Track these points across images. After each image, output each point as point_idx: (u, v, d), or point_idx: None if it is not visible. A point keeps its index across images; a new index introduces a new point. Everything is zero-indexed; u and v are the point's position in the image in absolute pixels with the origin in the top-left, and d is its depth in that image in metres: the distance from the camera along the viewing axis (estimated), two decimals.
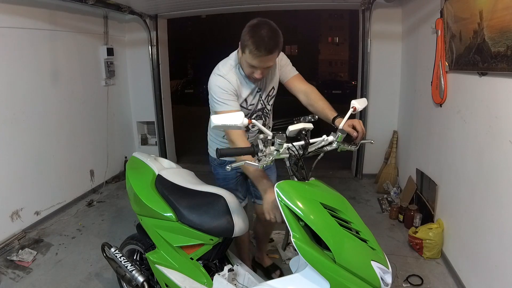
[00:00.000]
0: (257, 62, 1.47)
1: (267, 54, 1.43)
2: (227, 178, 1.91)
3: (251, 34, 1.43)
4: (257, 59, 1.46)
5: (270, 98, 1.82)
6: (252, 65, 1.50)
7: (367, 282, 1.11)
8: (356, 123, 1.41)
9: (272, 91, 1.81)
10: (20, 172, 2.92)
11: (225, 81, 1.59)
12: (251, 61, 1.48)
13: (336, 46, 33.68)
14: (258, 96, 1.76)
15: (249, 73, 1.57)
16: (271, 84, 1.79)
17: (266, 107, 1.82)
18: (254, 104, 1.75)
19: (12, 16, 2.79)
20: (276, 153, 1.23)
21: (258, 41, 1.41)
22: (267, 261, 2.38)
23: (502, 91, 1.78)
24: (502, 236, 1.76)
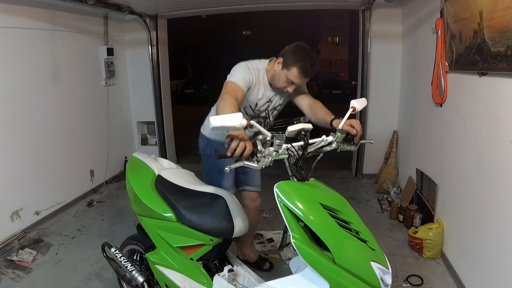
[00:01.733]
0: (298, 81, 1.68)
1: (308, 77, 1.68)
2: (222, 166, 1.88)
3: (301, 57, 1.64)
4: (300, 79, 1.67)
5: (275, 112, 1.96)
6: (292, 81, 1.69)
7: (367, 283, 1.11)
8: (354, 123, 1.43)
9: (279, 107, 1.95)
10: (20, 172, 2.92)
11: (247, 69, 1.75)
12: (294, 79, 1.67)
13: (336, 46, 33.66)
14: (267, 106, 1.89)
15: (281, 86, 1.73)
16: (281, 101, 1.93)
17: (269, 117, 1.95)
18: (260, 111, 1.90)
19: (12, 16, 2.79)
20: (275, 154, 1.23)
21: (310, 64, 1.64)
22: (253, 255, 2.39)
23: (502, 91, 1.78)
24: (502, 236, 1.76)
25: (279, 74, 1.71)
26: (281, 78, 1.71)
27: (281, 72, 1.70)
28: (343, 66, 31.24)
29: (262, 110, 1.90)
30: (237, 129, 1.16)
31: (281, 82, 1.72)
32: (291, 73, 1.65)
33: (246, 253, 2.37)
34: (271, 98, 1.87)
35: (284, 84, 1.72)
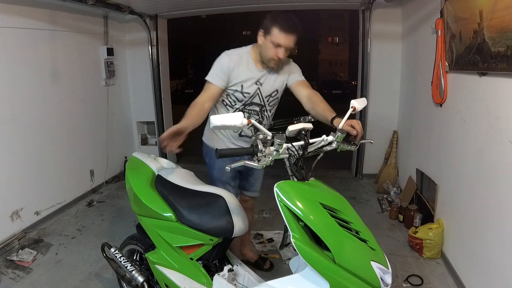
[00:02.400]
0: (284, 39, 1.61)
1: (292, 32, 1.61)
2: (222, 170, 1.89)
3: (278, 16, 1.63)
4: (283, 35, 1.60)
5: (271, 99, 1.87)
6: (278, 43, 1.62)
7: (367, 283, 1.11)
8: (355, 123, 1.41)
9: (275, 93, 1.85)
10: (20, 172, 2.92)
11: (225, 57, 1.75)
12: (279, 39, 1.61)
13: (336, 46, 33.69)
14: (257, 89, 1.80)
15: (271, 55, 1.66)
16: (274, 84, 1.83)
17: (265, 106, 1.86)
18: (249, 93, 1.80)
19: (12, 16, 2.79)
20: (276, 153, 1.23)
21: (287, 20, 1.61)
22: (253, 255, 2.38)
23: (502, 91, 1.78)
24: (502, 236, 1.76)
25: (265, 44, 1.68)
26: (267, 46, 1.66)
27: (265, 41, 1.67)
28: (343, 66, 31.26)
29: (253, 94, 1.81)
30: (238, 128, 1.17)
31: (269, 50, 1.66)
32: (273, 34, 1.61)
33: (245, 253, 2.37)
34: (260, 80, 1.79)
35: (272, 50, 1.65)
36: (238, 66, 1.75)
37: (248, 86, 1.78)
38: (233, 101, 1.83)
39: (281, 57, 1.66)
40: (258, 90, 1.81)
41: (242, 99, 1.81)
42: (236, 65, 1.75)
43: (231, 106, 1.85)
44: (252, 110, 1.85)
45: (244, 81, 1.77)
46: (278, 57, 1.66)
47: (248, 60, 1.78)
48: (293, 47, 1.65)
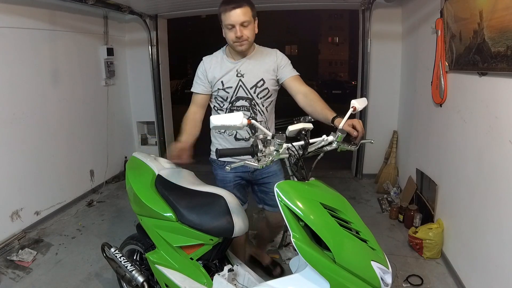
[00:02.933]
0: (230, 18, 1.58)
1: (236, 6, 1.57)
2: (225, 181, 1.89)
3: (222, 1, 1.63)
4: (228, 14, 1.58)
5: (259, 90, 1.76)
6: (228, 24, 1.60)
7: (367, 282, 1.11)
8: (356, 123, 1.39)
9: (261, 83, 1.76)
10: (20, 172, 2.92)
11: (201, 64, 1.80)
12: (226, 20, 1.60)
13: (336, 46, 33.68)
14: (238, 81, 1.74)
15: (232, 39, 1.64)
16: (258, 74, 1.75)
17: (254, 99, 1.77)
18: (232, 87, 1.75)
19: (12, 16, 2.79)
20: (276, 153, 1.23)
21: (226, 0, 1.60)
22: (267, 258, 2.36)
23: (502, 91, 1.78)
24: (502, 236, 1.76)
25: (224, 33, 1.68)
26: (225, 33, 1.67)
27: (223, 31, 1.68)
28: (343, 66, 31.25)
29: (235, 87, 1.75)
30: (238, 128, 1.17)
31: (228, 35, 1.65)
32: (222, 19, 1.62)
33: (260, 254, 2.36)
34: (239, 70, 1.74)
35: (230, 34, 1.63)
36: (213, 66, 1.77)
37: (228, 80, 1.75)
38: (220, 103, 1.81)
39: (240, 35, 1.61)
40: (240, 82, 1.74)
41: (227, 97, 1.76)
42: (211, 65, 1.77)
43: (220, 109, 1.82)
44: (240, 106, 1.77)
45: (223, 76, 1.74)
46: (238, 36, 1.61)
47: (222, 57, 1.78)
48: (246, 19, 1.59)
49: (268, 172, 1.86)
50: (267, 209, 2.00)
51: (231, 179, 1.88)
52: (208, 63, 1.78)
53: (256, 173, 1.87)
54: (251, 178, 1.90)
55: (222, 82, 1.75)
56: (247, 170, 1.85)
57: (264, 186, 1.93)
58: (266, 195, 1.95)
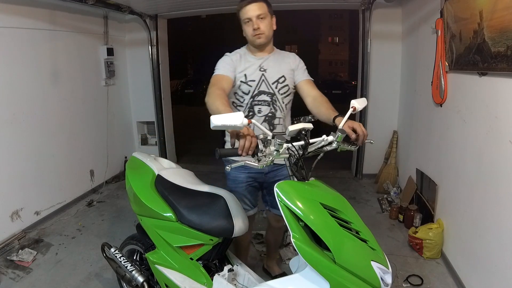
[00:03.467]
0: (247, 13, 1.66)
1: (250, 1, 1.65)
2: (237, 181, 1.87)
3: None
4: (244, 9, 1.66)
5: (280, 86, 1.79)
6: (245, 18, 1.67)
7: (367, 282, 1.11)
8: (356, 126, 1.38)
9: (282, 79, 1.79)
10: (20, 172, 2.92)
11: (227, 56, 1.80)
12: (243, 15, 1.68)
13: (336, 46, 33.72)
14: (261, 75, 1.77)
15: (250, 33, 1.70)
16: (280, 70, 1.79)
17: (276, 94, 1.79)
18: (255, 81, 1.77)
19: (12, 16, 2.79)
20: (276, 153, 1.23)
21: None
22: (276, 269, 2.34)
23: (502, 91, 1.78)
24: (501, 236, 1.76)
25: (243, 30, 1.74)
26: (244, 29, 1.73)
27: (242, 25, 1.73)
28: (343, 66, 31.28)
29: (258, 81, 1.77)
30: (238, 128, 1.16)
31: (246, 31, 1.72)
32: (240, 15, 1.70)
33: (270, 265, 2.36)
34: (262, 65, 1.77)
35: (248, 29, 1.70)
36: (238, 61, 1.78)
37: (252, 73, 1.77)
38: (240, 97, 1.80)
39: (257, 27, 1.67)
40: (263, 76, 1.77)
41: (249, 90, 1.77)
42: (236, 60, 1.78)
43: (240, 104, 1.81)
44: (262, 101, 1.78)
45: (247, 68, 1.77)
46: (255, 28, 1.67)
47: (245, 54, 1.81)
48: (262, 12, 1.66)
49: (281, 175, 1.83)
50: (274, 211, 1.98)
51: (243, 179, 1.86)
52: (233, 55, 1.80)
53: (270, 175, 1.86)
54: (263, 180, 1.88)
55: (246, 75, 1.76)
56: (261, 171, 1.83)
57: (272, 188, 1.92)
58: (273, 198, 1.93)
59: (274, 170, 1.84)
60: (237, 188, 1.86)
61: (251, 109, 1.79)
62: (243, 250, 2.15)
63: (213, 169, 4.48)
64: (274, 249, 2.34)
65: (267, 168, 1.82)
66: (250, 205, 1.92)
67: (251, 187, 1.89)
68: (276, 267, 2.36)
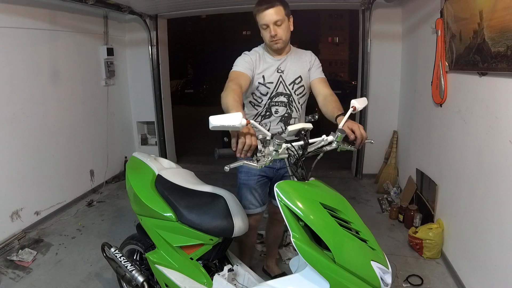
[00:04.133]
0: (264, 18, 1.65)
1: (268, 6, 1.62)
2: (250, 173, 1.87)
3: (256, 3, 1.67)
4: (261, 14, 1.65)
5: (297, 87, 1.82)
6: (263, 24, 1.67)
7: (367, 282, 1.11)
8: (355, 128, 1.37)
9: (299, 79, 1.82)
10: (20, 172, 2.92)
11: (246, 54, 1.81)
12: (261, 20, 1.66)
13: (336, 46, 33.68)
14: (279, 77, 1.79)
15: (268, 38, 1.70)
16: (297, 70, 1.81)
17: (292, 95, 1.82)
18: (273, 83, 1.79)
19: (12, 16, 2.79)
20: (275, 153, 1.23)
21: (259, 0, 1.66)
22: (276, 270, 2.34)
23: (502, 91, 1.78)
24: (502, 236, 1.76)
25: (261, 34, 1.73)
26: (262, 34, 1.73)
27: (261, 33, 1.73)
28: (343, 66, 31.23)
29: (276, 83, 1.79)
30: (236, 128, 1.16)
31: (264, 35, 1.72)
32: (257, 20, 1.68)
33: (269, 265, 2.36)
34: (280, 67, 1.80)
35: (265, 34, 1.70)
36: (257, 60, 1.79)
37: (270, 75, 1.79)
38: (258, 98, 1.82)
39: (274, 34, 1.66)
40: (280, 78, 1.80)
41: (267, 92, 1.79)
42: (257, 60, 1.79)
43: (258, 104, 1.83)
44: (279, 102, 1.81)
45: (265, 70, 1.78)
46: (272, 35, 1.67)
47: (263, 53, 1.82)
48: (279, 18, 1.64)
49: None
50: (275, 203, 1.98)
51: (257, 172, 1.86)
52: (253, 55, 1.79)
53: (281, 171, 1.87)
54: (273, 175, 1.89)
55: (264, 77, 1.78)
56: (273, 167, 1.85)
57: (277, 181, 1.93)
58: None
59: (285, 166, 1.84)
60: (249, 181, 1.87)
61: (268, 110, 1.82)
62: (247, 250, 2.14)
63: (213, 169, 4.48)
64: (273, 247, 2.34)
65: (278, 165, 1.84)
66: (259, 201, 1.91)
67: (262, 182, 1.90)
68: (275, 267, 2.36)
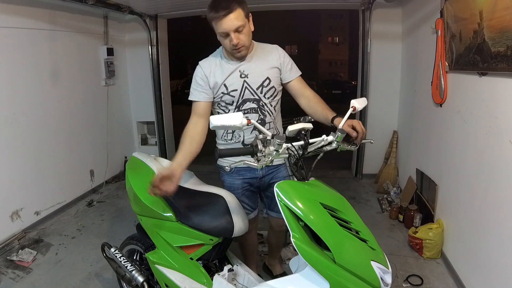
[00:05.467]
0: (222, 26, 1.46)
1: (226, 13, 1.43)
2: (232, 187, 1.82)
3: (208, 8, 1.48)
4: (219, 22, 1.45)
5: (265, 90, 1.67)
6: (222, 31, 1.48)
7: (367, 282, 1.11)
8: (356, 124, 1.38)
9: (267, 82, 1.66)
10: (20, 172, 2.92)
11: (198, 69, 1.67)
12: (219, 28, 1.48)
13: (336, 46, 33.70)
14: (243, 82, 1.64)
15: (229, 47, 1.54)
16: (263, 72, 1.66)
17: (261, 100, 1.68)
18: (237, 90, 1.64)
19: (12, 16, 2.79)
20: (276, 153, 1.23)
21: (214, 5, 1.46)
22: (278, 269, 2.32)
23: (502, 91, 1.78)
24: (502, 236, 1.76)
25: (220, 41, 1.57)
26: (221, 41, 1.56)
27: (219, 38, 1.55)
28: (343, 66, 31.25)
29: (241, 89, 1.64)
30: (237, 128, 1.16)
31: (224, 43, 1.55)
32: (215, 28, 1.50)
33: (272, 264, 2.34)
34: (243, 71, 1.63)
35: (225, 42, 1.53)
36: (212, 69, 1.65)
37: (232, 82, 1.63)
38: (225, 108, 1.70)
39: (236, 42, 1.50)
40: (245, 83, 1.64)
41: (232, 101, 1.66)
42: (210, 70, 1.65)
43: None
44: (249, 108, 1.67)
45: (225, 79, 1.63)
46: (235, 44, 1.50)
47: (221, 58, 1.66)
48: (240, 24, 1.47)
49: (277, 177, 1.79)
50: (272, 214, 1.94)
51: (239, 186, 1.82)
52: (207, 67, 1.65)
53: (265, 179, 1.81)
54: (259, 184, 1.83)
55: (226, 86, 1.63)
56: (255, 177, 1.80)
57: (270, 192, 1.86)
58: (271, 201, 1.87)
59: (269, 173, 1.81)
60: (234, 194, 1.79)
61: None
62: (250, 254, 2.13)
63: (213, 169, 4.44)
64: (276, 250, 2.32)
65: (261, 173, 1.79)
66: (249, 208, 1.89)
67: (248, 191, 1.86)
68: (278, 266, 2.35)
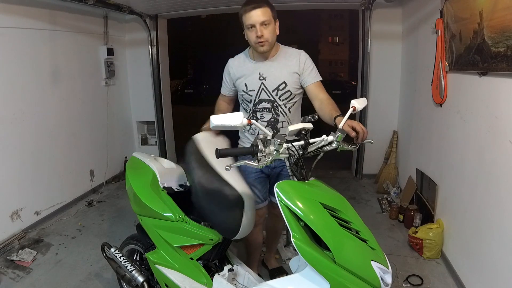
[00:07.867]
0: (251, 18, 1.62)
1: (255, 6, 1.61)
2: (247, 171, 1.86)
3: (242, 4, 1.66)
4: (248, 14, 1.62)
5: (281, 93, 1.78)
6: (249, 24, 1.63)
7: (367, 282, 1.11)
8: (356, 125, 1.37)
9: (282, 85, 1.77)
10: (20, 172, 2.92)
11: (227, 65, 1.88)
12: (247, 20, 1.63)
13: (336, 46, 33.72)
14: (261, 84, 1.78)
15: (253, 40, 1.67)
16: (280, 76, 1.77)
17: (276, 101, 1.79)
18: (254, 90, 1.79)
19: (12, 16, 2.79)
20: (276, 153, 1.23)
21: (247, 1, 1.64)
22: (273, 263, 2.35)
23: (502, 91, 1.78)
24: (502, 236, 1.76)
25: (246, 35, 1.71)
26: (247, 35, 1.70)
27: (245, 32, 1.70)
28: (343, 66, 31.28)
29: (258, 90, 1.78)
30: (237, 128, 1.16)
31: (249, 37, 1.68)
32: (243, 20, 1.65)
33: (268, 258, 2.37)
34: (262, 73, 1.76)
35: (251, 35, 1.66)
36: (237, 67, 1.82)
37: (251, 83, 1.79)
38: (245, 104, 1.87)
39: (260, 34, 1.63)
40: (262, 85, 1.78)
41: (250, 99, 1.81)
42: (235, 66, 1.83)
43: (245, 109, 1.88)
44: (263, 108, 1.81)
45: (246, 77, 1.79)
46: (259, 36, 1.63)
47: (245, 57, 1.83)
48: (266, 19, 1.62)
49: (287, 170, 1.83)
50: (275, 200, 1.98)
51: (253, 169, 1.86)
52: (232, 65, 1.85)
53: (276, 170, 1.90)
54: (269, 172, 1.91)
55: (246, 85, 1.80)
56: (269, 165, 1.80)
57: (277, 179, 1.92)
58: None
59: (280, 165, 1.89)
60: (248, 179, 1.85)
61: (254, 115, 1.84)
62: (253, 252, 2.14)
63: None
64: (272, 241, 2.34)
65: (273, 164, 1.85)
66: (260, 197, 1.93)
67: (261, 178, 1.92)
68: (273, 261, 2.37)
